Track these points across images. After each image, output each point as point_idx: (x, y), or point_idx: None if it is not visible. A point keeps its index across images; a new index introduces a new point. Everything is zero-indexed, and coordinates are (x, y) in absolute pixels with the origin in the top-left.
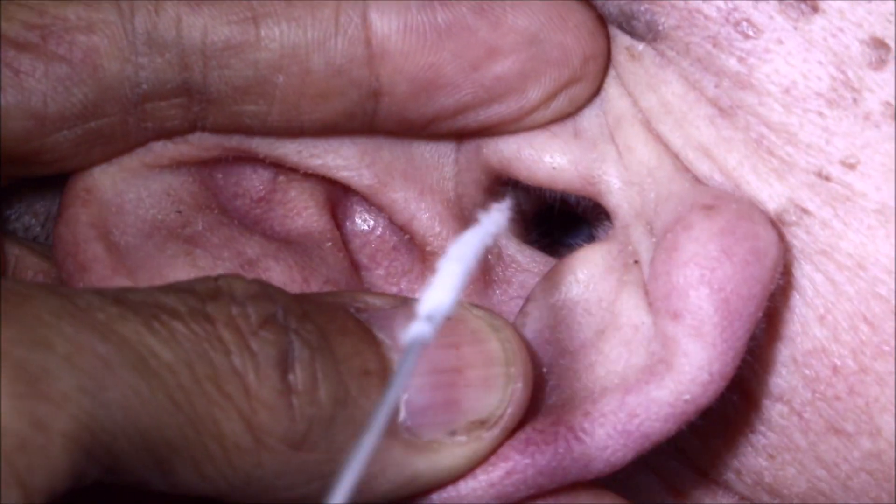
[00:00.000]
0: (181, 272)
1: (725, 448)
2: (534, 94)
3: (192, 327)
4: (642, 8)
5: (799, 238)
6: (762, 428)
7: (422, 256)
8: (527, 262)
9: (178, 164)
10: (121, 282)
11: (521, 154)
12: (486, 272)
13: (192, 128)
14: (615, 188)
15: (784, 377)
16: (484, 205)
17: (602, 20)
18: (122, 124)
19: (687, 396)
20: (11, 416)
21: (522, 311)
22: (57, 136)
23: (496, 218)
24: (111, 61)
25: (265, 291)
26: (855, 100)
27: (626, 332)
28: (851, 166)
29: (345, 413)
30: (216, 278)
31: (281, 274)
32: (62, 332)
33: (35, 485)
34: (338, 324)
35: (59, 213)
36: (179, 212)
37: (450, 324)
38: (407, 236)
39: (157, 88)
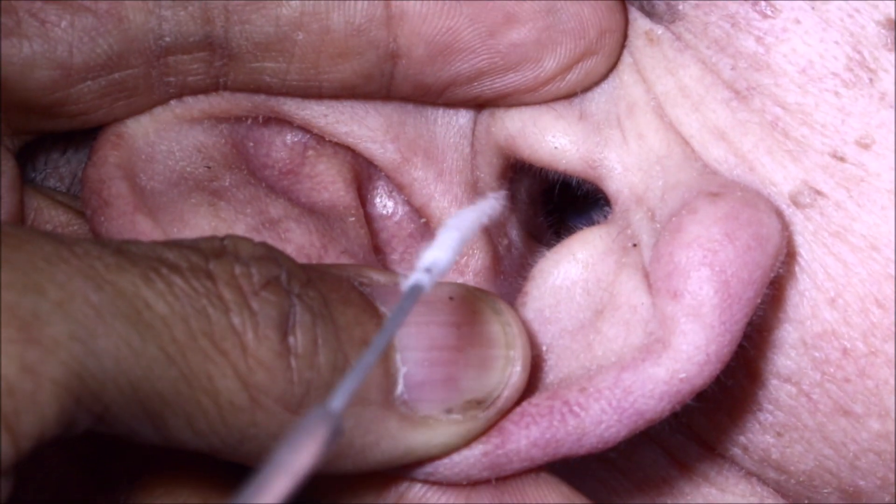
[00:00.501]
0: (203, 220)
1: (732, 424)
2: (549, 63)
3: (191, 283)
4: None
5: (813, 220)
6: (770, 407)
7: None
8: (532, 255)
9: (208, 118)
10: (140, 220)
11: (525, 132)
12: (495, 262)
13: (214, 85)
14: (616, 173)
15: (793, 359)
16: (498, 191)
17: None
18: (146, 77)
19: (682, 375)
20: (1, 361)
21: (522, 291)
22: (81, 87)
23: (493, 202)
24: (136, 13)
25: (270, 254)
26: (871, 80)
27: (624, 312)
28: (866, 146)
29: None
30: (222, 238)
31: (300, 236)
32: (54, 279)
33: (22, 429)
34: (341, 293)
35: (88, 157)
36: (209, 167)
37: (452, 303)
38: (423, 221)
39: (180, 41)
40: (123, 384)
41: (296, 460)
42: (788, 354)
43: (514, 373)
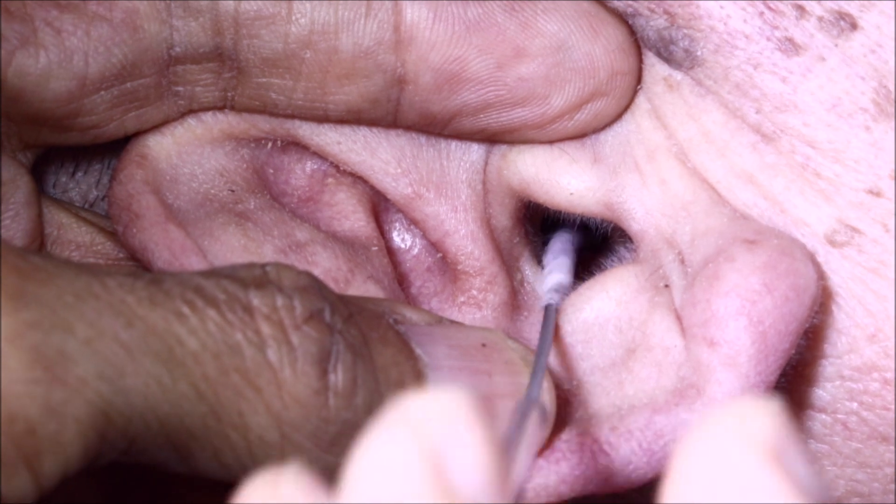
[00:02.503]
0: (232, 237)
1: None
2: (556, 101)
3: (226, 316)
4: (681, 34)
5: (850, 258)
6: (802, 436)
7: (453, 277)
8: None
9: (228, 138)
10: (172, 229)
11: (540, 178)
12: (512, 297)
13: (222, 98)
14: (638, 216)
15: (828, 391)
16: (511, 229)
17: (634, 39)
18: (156, 87)
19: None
20: (23, 402)
21: (545, 326)
22: (94, 98)
23: (566, 235)
24: (150, 22)
25: (315, 285)
26: None
27: (657, 354)
28: None
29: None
30: (264, 265)
31: (327, 261)
32: (84, 316)
33: (44, 469)
34: (380, 332)
35: (112, 176)
36: (232, 191)
37: (485, 351)
38: (440, 255)
39: (190, 52)
40: (151, 420)
41: (524, 445)
42: (824, 387)
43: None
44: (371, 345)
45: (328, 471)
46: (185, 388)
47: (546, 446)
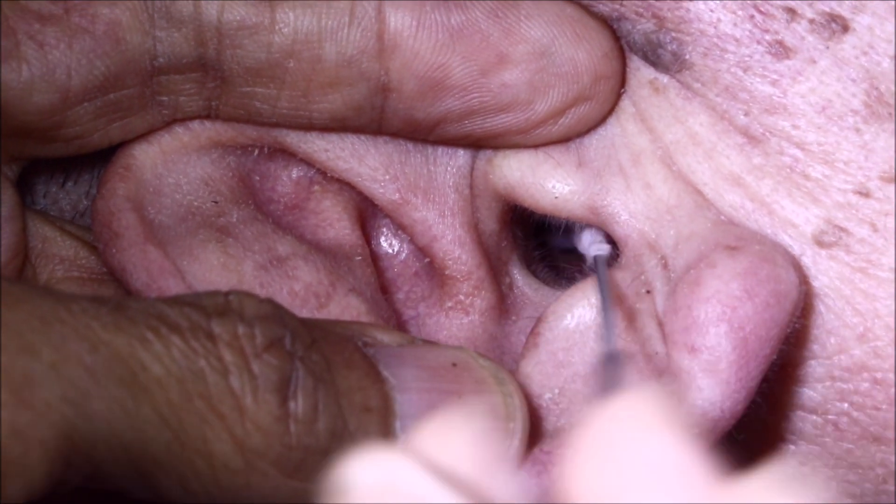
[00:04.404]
0: (211, 255)
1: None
2: (540, 106)
3: (190, 343)
4: (669, 37)
5: (837, 259)
6: (793, 437)
7: (441, 282)
8: (533, 293)
9: (216, 146)
10: (151, 250)
11: (525, 181)
12: (500, 301)
13: (206, 107)
14: (622, 219)
15: (819, 391)
16: (499, 233)
17: (618, 44)
18: (140, 97)
19: (696, 430)
20: None
21: (534, 333)
22: (78, 109)
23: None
24: (133, 34)
25: (276, 313)
26: (890, 114)
27: (638, 361)
28: (889, 180)
29: (340, 447)
30: (227, 293)
31: (308, 274)
32: (50, 340)
33: (9, 492)
34: (345, 356)
35: (97, 189)
36: (216, 202)
37: (455, 370)
38: (428, 260)
39: (174, 62)
40: (115, 445)
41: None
42: (814, 388)
43: (511, 446)
44: (335, 369)
45: (292, 497)
46: (148, 413)
47: (527, 458)
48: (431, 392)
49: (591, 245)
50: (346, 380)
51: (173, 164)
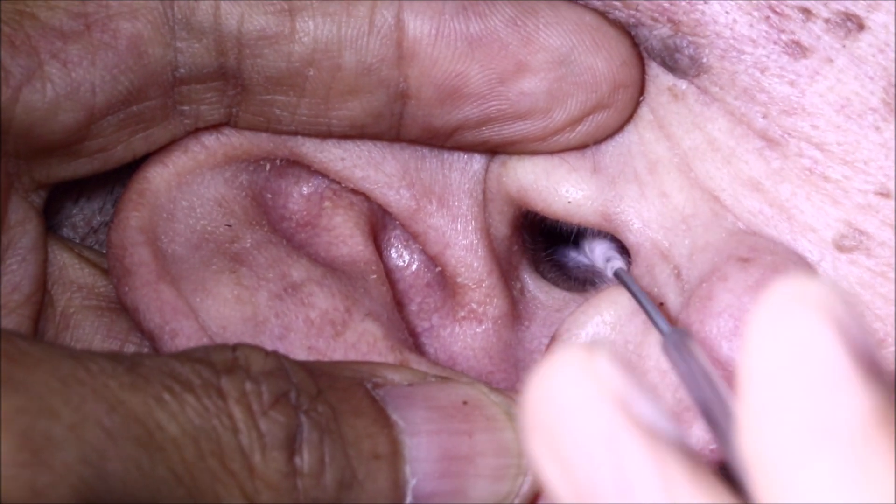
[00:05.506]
0: (225, 288)
1: None
2: (559, 114)
3: (203, 401)
4: (685, 41)
5: (857, 263)
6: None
7: (453, 291)
8: (544, 297)
9: (231, 161)
10: (164, 289)
11: (538, 185)
12: (512, 307)
13: (227, 115)
14: (635, 227)
15: None
16: (510, 238)
17: (637, 52)
18: (162, 108)
19: (713, 446)
20: (13, 485)
21: (549, 350)
22: (101, 123)
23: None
24: (154, 47)
25: (281, 367)
26: None
27: (653, 377)
28: None
29: (350, 496)
30: (234, 348)
31: (324, 301)
32: (69, 401)
33: None
34: (352, 404)
35: (112, 217)
36: (229, 225)
37: (466, 409)
38: (439, 269)
39: (195, 72)
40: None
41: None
42: None
43: (525, 482)
44: (342, 418)
45: None
46: (163, 473)
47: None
48: (441, 434)
49: (603, 258)
50: (353, 428)
51: (187, 186)
